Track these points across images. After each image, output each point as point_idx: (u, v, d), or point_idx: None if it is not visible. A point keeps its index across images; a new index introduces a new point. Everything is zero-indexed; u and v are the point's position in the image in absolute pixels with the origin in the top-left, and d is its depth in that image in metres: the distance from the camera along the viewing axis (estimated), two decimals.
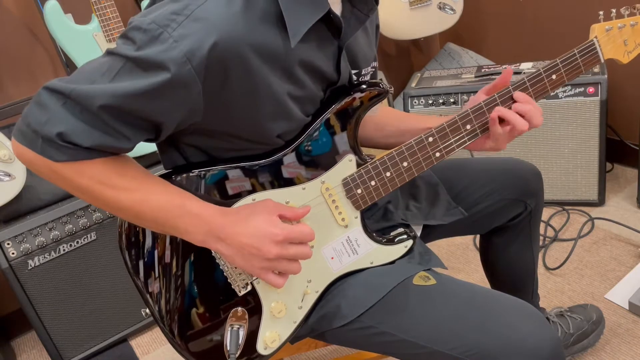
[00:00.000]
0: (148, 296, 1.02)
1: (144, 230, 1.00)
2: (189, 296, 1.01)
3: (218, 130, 0.94)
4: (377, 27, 1.18)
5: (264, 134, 0.95)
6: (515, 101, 1.04)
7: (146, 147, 1.87)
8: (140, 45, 0.82)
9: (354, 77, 1.04)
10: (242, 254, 0.91)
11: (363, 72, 1.07)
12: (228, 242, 0.90)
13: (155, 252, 1.00)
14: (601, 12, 1.08)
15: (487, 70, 2.22)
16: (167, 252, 1.00)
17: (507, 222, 1.32)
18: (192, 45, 0.81)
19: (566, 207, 2.17)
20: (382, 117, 1.23)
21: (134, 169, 0.94)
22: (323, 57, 0.96)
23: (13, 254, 1.72)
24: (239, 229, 0.90)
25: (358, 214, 1.04)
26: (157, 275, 1.01)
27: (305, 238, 0.92)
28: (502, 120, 1.04)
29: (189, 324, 1.02)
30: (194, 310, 1.02)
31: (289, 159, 0.99)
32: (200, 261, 1.00)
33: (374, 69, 1.10)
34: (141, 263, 1.01)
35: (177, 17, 0.82)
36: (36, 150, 0.86)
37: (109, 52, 0.87)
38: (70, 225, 1.78)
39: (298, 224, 0.94)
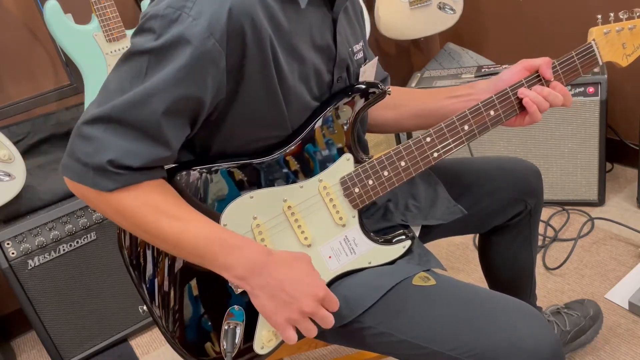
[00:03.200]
0: (145, 294, 1.02)
1: None
2: (186, 294, 1.01)
3: (236, 113, 0.94)
4: (361, 10, 1.19)
5: (277, 113, 0.96)
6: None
7: None
8: (161, 32, 0.84)
9: (353, 57, 1.06)
10: (277, 300, 0.90)
11: (355, 50, 1.08)
12: (269, 282, 0.90)
13: (153, 250, 1.01)
14: (599, 16, 1.08)
15: (487, 70, 2.22)
16: (165, 252, 1.00)
17: (506, 222, 1.32)
18: (210, 18, 0.83)
19: (566, 207, 2.17)
20: (401, 98, 1.24)
21: (176, 196, 0.94)
22: (322, 27, 0.98)
23: (13, 254, 1.72)
24: (282, 273, 0.90)
25: (356, 213, 1.04)
26: (154, 273, 1.01)
27: (335, 307, 0.93)
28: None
29: (185, 322, 1.02)
30: (190, 308, 1.02)
31: (288, 157, 1.00)
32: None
33: (362, 48, 1.12)
34: (139, 262, 1.01)
35: None
36: (87, 183, 0.87)
37: (130, 54, 0.87)
38: (70, 225, 1.78)
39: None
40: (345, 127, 1.02)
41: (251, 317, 1.02)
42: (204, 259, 0.92)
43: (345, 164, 1.02)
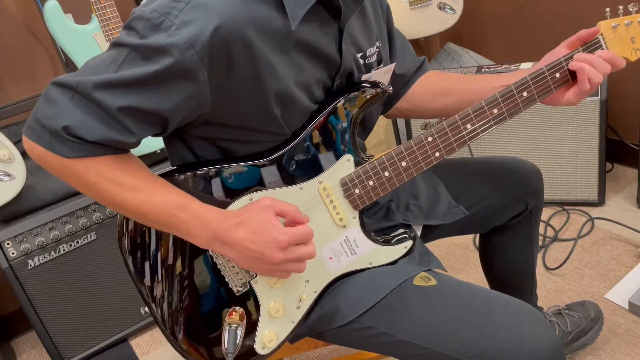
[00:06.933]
0: (146, 295, 1.03)
1: (142, 229, 1.00)
2: (187, 295, 1.01)
3: (226, 123, 0.94)
4: (388, 8, 1.18)
5: (272, 122, 0.95)
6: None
7: (146, 147, 1.87)
8: (143, 34, 0.84)
9: (361, 61, 1.05)
10: (247, 258, 0.92)
11: (368, 54, 1.07)
12: (233, 247, 0.92)
13: (154, 250, 1.01)
14: (607, 9, 1.05)
15: (487, 70, 2.22)
16: (166, 251, 1.01)
17: (507, 222, 1.32)
18: (193, 31, 0.82)
19: (566, 207, 2.17)
20: (446, 83, 1.23)
21: (140, 168, 0.94)
22: (324, 38, 0.97)
23: (13, 254, 1.72)
24: (242, 234, 0.90)
25: (356, 214, 1.04)
26: (155, 273, 1.01)
27: (308, 238, 0.93)
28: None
29: (187, 323, 1.02)
30: (192, 309, 1.02)
31: (287, 158, 0.99)
32: (199, 261, 1.01)
33: (378, 49, 1.10)
34: (139, 262, 1.01)
35: (178, 4, 0.83)
36: (44, 145, 0.88)
37: (113, 44, 0.88)
38: (70, 225, 1.78)
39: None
40: (344, 128, 1.01)
41: (253, 318, 1.02)
42: (169, 229, 0.95)
43: (345, 165, 1.02)
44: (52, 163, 0.90)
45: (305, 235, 0.92)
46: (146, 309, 1.04)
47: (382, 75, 1.09)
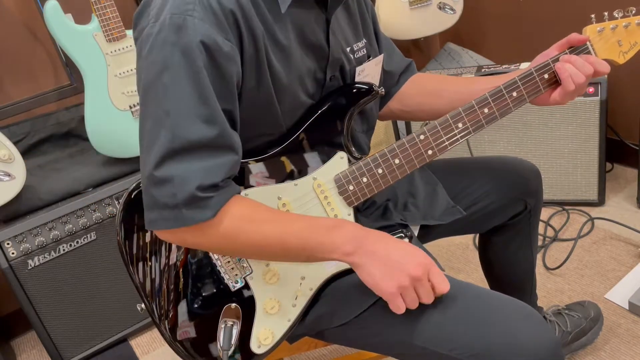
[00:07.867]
0: (143, 292, 1.03)
1: (140, 228, 1.00)
2: (184, 292, 1.02)
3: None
4: (372, 8, 1.19)
5: (271, 113, 0.96)
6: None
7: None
8: (174, 40, 0.84)
9: (350, 56, 1.06)
10: (385, 267, 0.89)
11: (356, 48, 1.08)
12: (374, 251, 0.90)
13: (152, 248, 1.01)
14: (593, 15, 1.09)
15: (487, 70, 2.22)
16: (164, 248, 1.01)
17: (506, 221, 1.33)
18: (210, 17, 0.85)
19: (566, 207, 2.17)
20: (438, 84, 1.24)
21: (258, 202, 0.95)
22: (313, 27, 0.98)
23: (13, 253, 1.72)
24: (385, 244, 0.90)
25: (351, 210, 1.04)
26: (153, 271, 1.02)
27: (440, 284, 0.90)
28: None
29: (184, 320, 1.02)
30: (188, 306, 1.02)
31: (282, 155, 1.00)
32: (196, 257, 1.01)
33: (365, 44, 1.11)
34: (138, 260, 1.02)
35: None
36: (186, 223, 0.87)
37: (152, 83, 0.86)
38: (70, 225, 1.78)
39: None
40: (339, 126, 1.02)
41: (248, 315, 1.02)
42: (311, 250, 0.92)
43: (339, 162, 1.02)
44: (197, 237, 0.90)
45: (442, 280, 0.90)
46: (142, 305, 1.04)
47: (374, 67, 1.10)
